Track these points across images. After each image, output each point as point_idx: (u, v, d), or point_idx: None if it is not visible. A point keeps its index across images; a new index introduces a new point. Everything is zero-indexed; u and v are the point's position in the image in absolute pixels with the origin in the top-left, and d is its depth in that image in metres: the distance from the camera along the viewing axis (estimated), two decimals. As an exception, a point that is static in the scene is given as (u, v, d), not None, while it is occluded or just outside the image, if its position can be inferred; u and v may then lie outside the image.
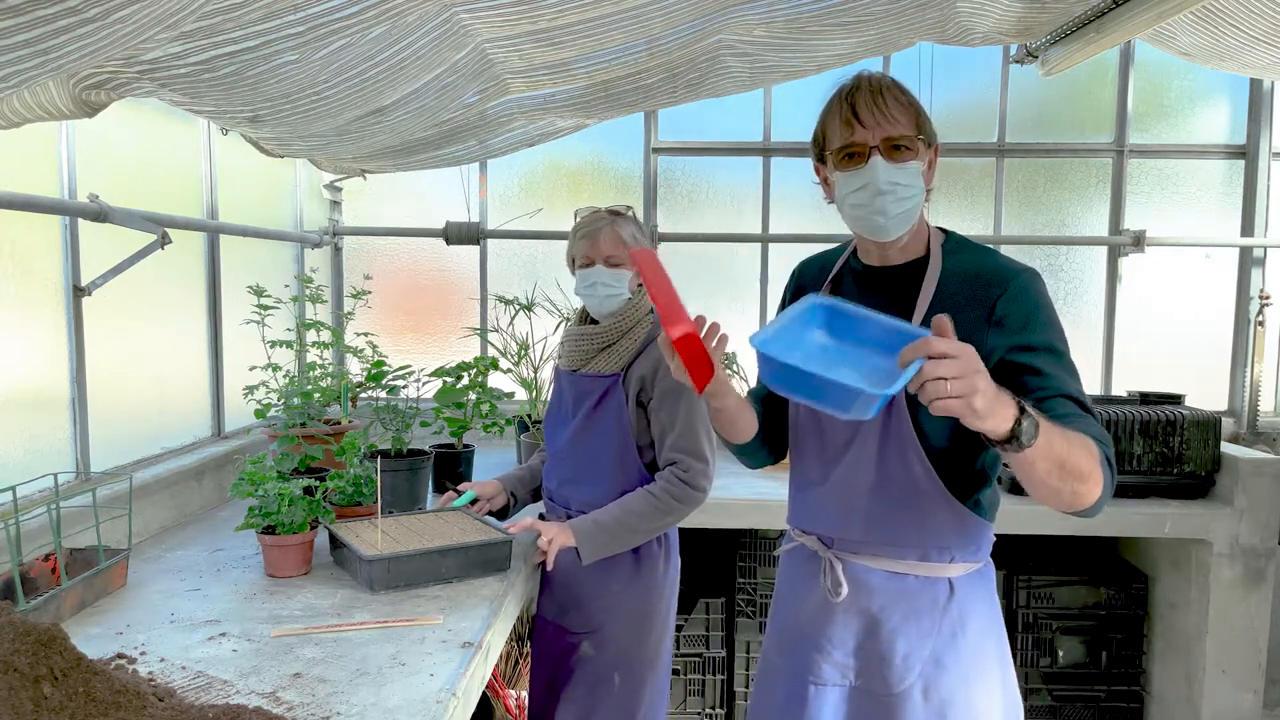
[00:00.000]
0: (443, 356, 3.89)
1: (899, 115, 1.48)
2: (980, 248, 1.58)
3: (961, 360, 1.12)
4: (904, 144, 1.48)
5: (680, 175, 3.96)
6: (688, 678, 3.43)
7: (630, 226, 2.21)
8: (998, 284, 1.47)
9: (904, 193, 1.48)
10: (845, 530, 1.60)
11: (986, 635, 1.57)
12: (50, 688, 1.19)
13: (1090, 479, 1.26)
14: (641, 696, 2.19)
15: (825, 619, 1.61)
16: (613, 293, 2.17)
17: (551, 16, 2.09)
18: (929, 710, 1.53)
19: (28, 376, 2.13)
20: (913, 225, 1.53)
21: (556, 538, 2.07)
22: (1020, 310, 1.45)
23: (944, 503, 1.52)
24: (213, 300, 2.95)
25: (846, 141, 1.49)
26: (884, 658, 1.55)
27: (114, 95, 1.77)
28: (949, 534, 1.53)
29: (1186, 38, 2.92)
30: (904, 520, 1.54)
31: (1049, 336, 1.44)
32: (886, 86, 1.49)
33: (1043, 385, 1.39)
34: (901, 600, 1.55)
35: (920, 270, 1.54)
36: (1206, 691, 3.12)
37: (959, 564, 1.55)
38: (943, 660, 1.53)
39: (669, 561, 2.23)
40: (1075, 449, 1.24)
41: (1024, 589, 3.38)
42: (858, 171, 1.48)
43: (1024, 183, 3.91)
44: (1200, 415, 3.15)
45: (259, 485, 2.02)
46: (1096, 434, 1.31)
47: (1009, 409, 1.16)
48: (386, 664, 1.55)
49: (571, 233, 2.24)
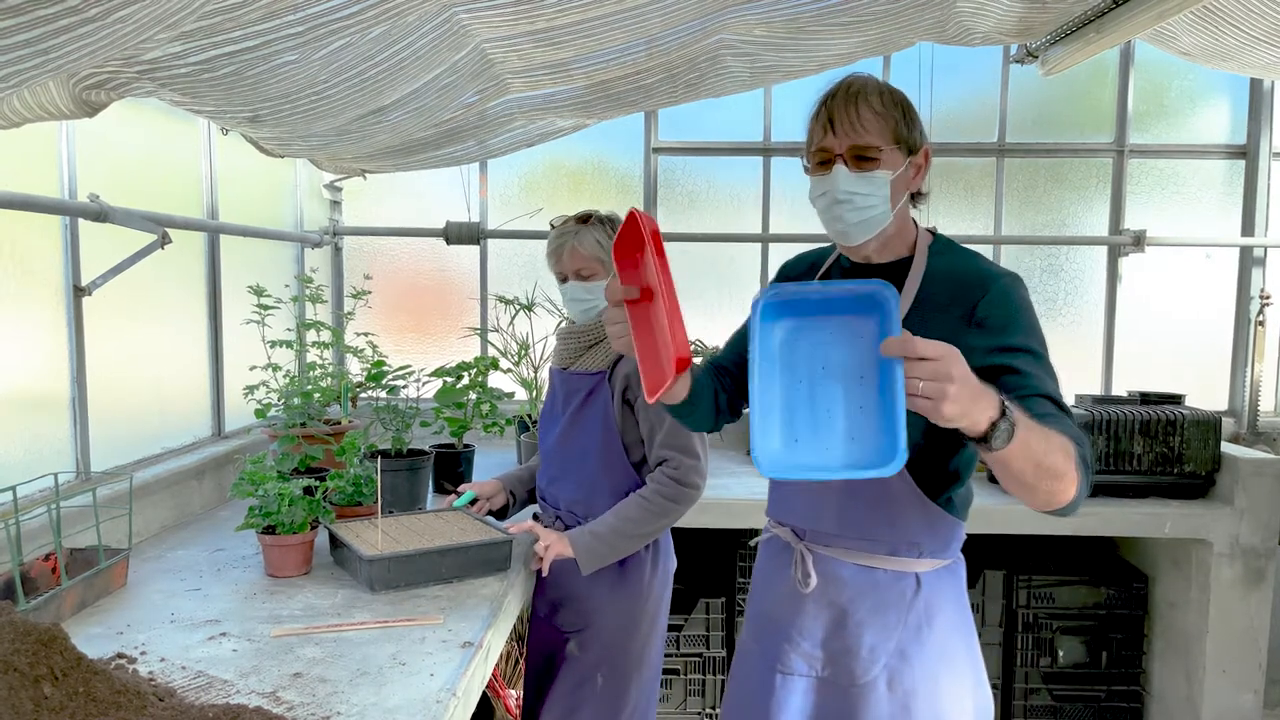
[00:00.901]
0: (443, 356, 3.89)
1: (870, 124, 1.48)
2: (965, 251, 1.59)
3: (936, 364, 1.13)
4: (869, 154, 1.48)
5: (680, 175, 3.96)
6: (688, 678, 3.43)
7: (595, 234, 2.14)
8: (979, 287, 1.48)
9: (862, 203, 1.50)
10: (817, 523, 1.63)
11: (954, 630, 1.58)
12: (50, 687, 1.19)
13: (1066, 479, 1.27)
14: (627, 697, 2.18)
15: (795, 609, 1.64)
16: (588, 305, 2.18)
17: (551, 16, 2.09)
18: (893, 702, 1.55)
19: (28, 376, 2.13)
20: (879, 232, 1.54)
21: (554, 546, 2.06)
22: (1001, 313, 1.46)
23: (916, 500, 1.54)
24: (213, 300, 2.95)
25: (818, 146, 1.52)
26: (850, 649, 1.58)
27: (114, 95, 1.77)
28: (919, 531, 1.55)
29: (1186, 38, 2.92)
30: (875, 516, 1.56)
31: (1028, 339, 1.45)
32: (864, 93, 1.49)
33: (1022, 384, 1.40)
34: (869, 593, 1.57)
35: (905, 270, 1.56)
36: (1206, 691, 3.12)
37: (927, 559, 1.58)
38: (908, 653, 1.55)
39: (657, 564, 2.22)
40: (1053, 448, 1.25)
41: (1024, 589, 3.38)
42: (823, 178, 1.52)
43: (1024, 183, 3.91)
44: (1200, 415, 3.15)
45: (259, 485, 2.02)
46: (1073, 434, 1.32)
47: (986, 411, 1.17)
48: (387, 664, 1.55)
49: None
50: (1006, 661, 3.44)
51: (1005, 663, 3.45)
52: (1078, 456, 1.29)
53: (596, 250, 2.14)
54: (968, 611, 1.64)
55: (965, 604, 1.63)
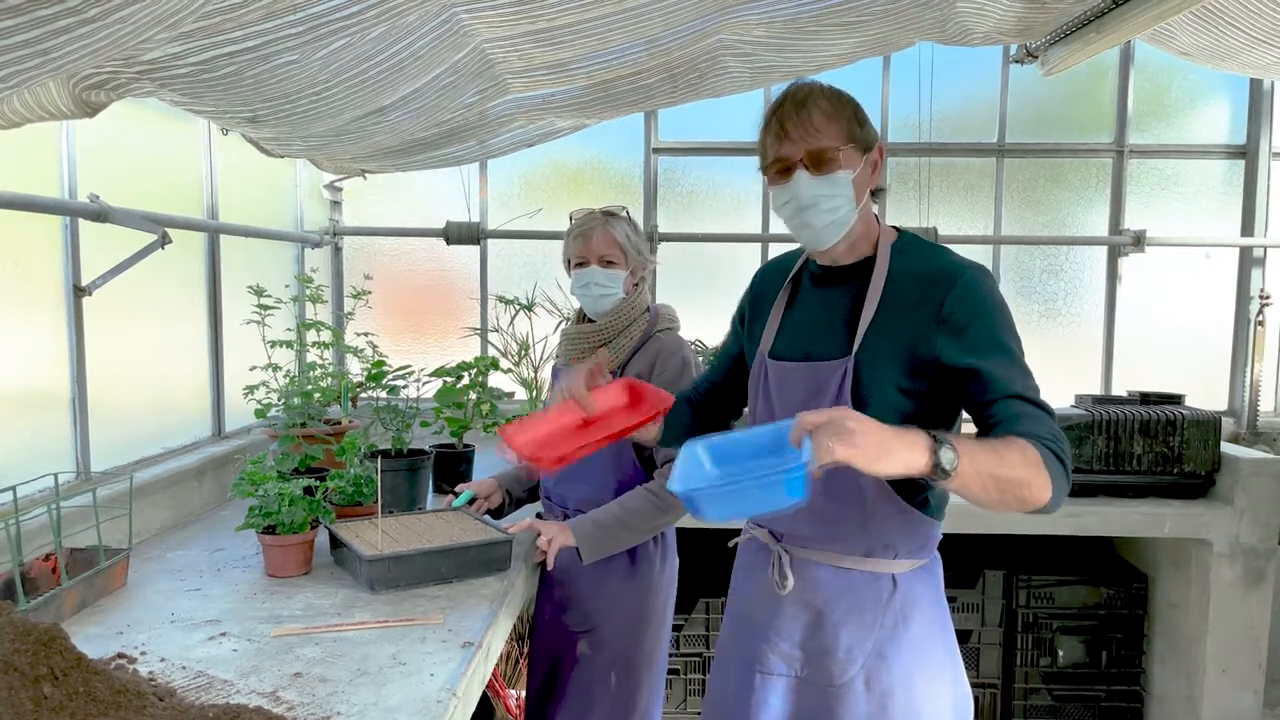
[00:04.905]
0: (443, 356, 3.89)
1: (823, 126, 1.50)
2: (929, 246, 1.60)
3: (830, 423, 1.18)
4: (828, 155, 1.50)
5: (680, 175, 3.96)
6: (688, 678, 3.43)
7: (624, 226, 2.22)
8: (945, 282, 1.49)
9: (828, 204, 1.52)
10: (793, 526, 1.64)
11: (931, 630, 1.59)
12: (50, 687, 1.19)
13: (1033, 483, 1.27)
14: (639, 695, 2.19)
15: (773, 610, 1.65)
16: (607, 292, 2.18)
17: (551, 16, 2.09)
18: (871, 701, 1.55)
19: (28, 376, 2.14)
20: (847, 231, 1.56)
21: (556, 537, 2.07)
22: (966, 308, 1.46)
23: (891, 503, 1.54)
24: (213, 300, 2.95)
25: (775, 156, 1.54)
26: (828, 650, 1.59)
27: (114, 95, 1.77)
28: (894, 533, 1.56)
29: (1186, 38, 2.92)
30: (850, 520, 1.57)
31: (997, 333, 1.45)
32: (812, 98, 1.52)
33: (988, 388, 1.40)
34: (846, 594, 1.58)
35: (869, 270, 1.57)
36: (1206, 691, 3.12)
37: (903, 560, 1.58)
38: (885, 653, 1.56)
39: (665, 560, 2.24)
40: (1006, 459, 1.26)
41: (1024, 589, 3.38)
42: (785, 186, 1.53)
43: (1024, 183, 3.92)
44: (1200, 415, 3.15)
45: (259, 485, 2.02)
46: (1042, 432, 1.32)
47: (916, 446, 1.20)
48: (387, 664, 1.55)
49: (566, 234, 2.25)
50: (1006, 661, 3.44)
51: (1005, 663, 3.45)
52: (1045, 455, 1.29)
53: (625, 241, 2.19)
54: (945, 611, 1.64)
55: (942, 603, 1.64)
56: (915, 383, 1.49)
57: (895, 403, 1.49)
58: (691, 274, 3.95)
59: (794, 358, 1.61)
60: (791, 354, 1.63)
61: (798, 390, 1.58)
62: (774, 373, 1.64)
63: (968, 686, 1.65)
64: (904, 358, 1.49)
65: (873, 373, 1.50)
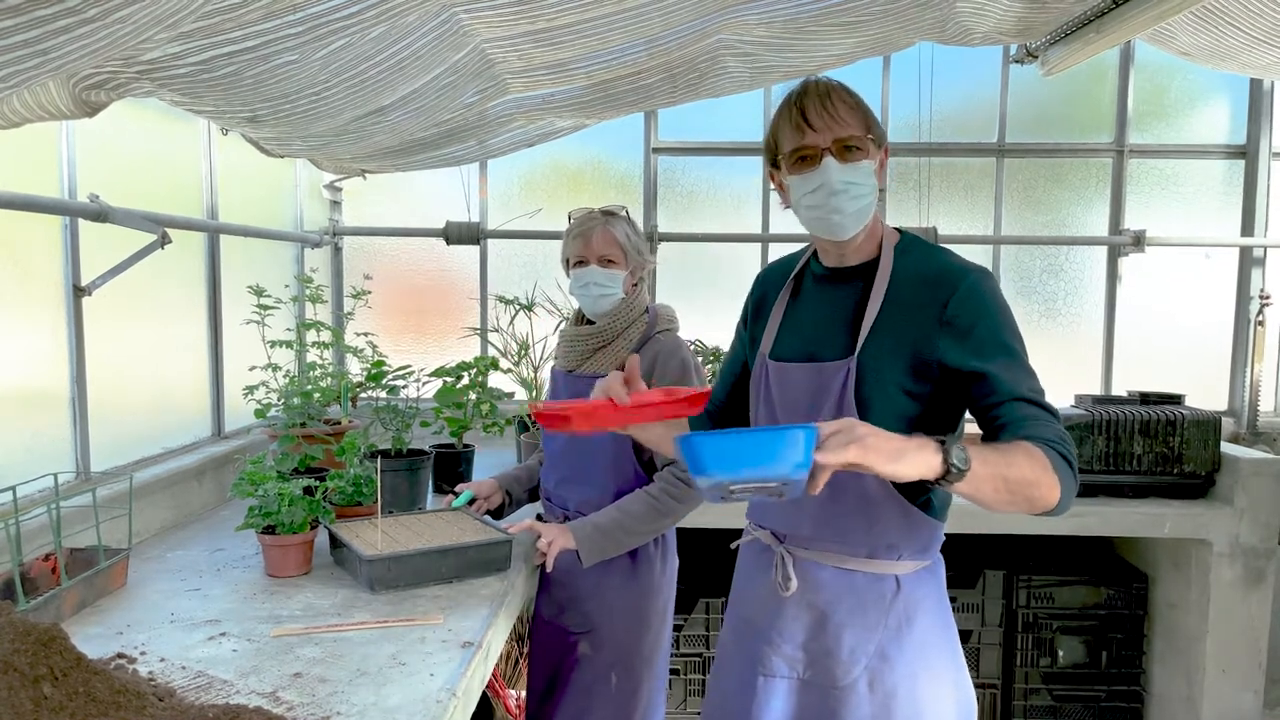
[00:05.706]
0: (443, 356, 3.89)
1: (847, 117, 1.51)
2: (932, 247, 1.59)
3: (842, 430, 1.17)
4: (855, 144, 1.51)
5: (680, 175, 3.96)
6: (688, 678, 3.43)
7: (623, 226, 2.21)
8: (948, 285, 1.49)
9: (857, 191, 1.52)
10: (796, 527, 1.63)
11: (934, 631, 1.58)
12: (50, 687, 1.19)
13: (1042, 484, 1.28)
14: (639, 696, 2.19)
15: (776, 612, 1.64)
16: (606, 292, 2.17)
17: (551, 16, 2.09)
18: (874, 703, 1.55)
19: (28, 376, 2.13)
20: (867, 223, 1.57)
21: (556, 540, 2.07)
22: (970, 310, 1.46)
23: (894, 504, 1.54)
24: (213, 300, 2.95)
25: (798, 145, 1.53)
26: (831, 651, 1.58)
27: (114, 95, 1.77)
28: (897, 534, 1.56)
29: (1186, 38, 2.92)
30: (853, 521, 1.56)
31: (1001, 335, 1.45)
32: (834, 90, 1.53)
33: (993, 391, 1.40)
34: (848, 595, 1.58)
35: (873, 273, 1.57)
36: (1206, 691, 3.12)
37: (906, 561, 1.58)
38: (888, 654, 1.55)
39: (666, 561, 2.24)
40: (1015, 461, 1.26)
41: (1024, 589, 3.38)
42: (811, 173, 1.52)
43: (1024, 183, 3.91)
44: (1200, 415, 3.15)
45: (259, 485, 2.02)
46: (1049, 435, 1.33)
47: (929, 448, 1.20)
48: (386, 664, 1.55)
49: (565, 233, 2.25)
50: (1006, 661, 3.44)
51: (1005, 663, 3.45)
52: (1053, 457, 1.29)
53: (624, 241, 2.18)
54: (948, 612, 1.64)
55: (945, 604, 1.63)
56: (918, 385, 1.49)
57: (898, 404, 1.49)
58: (691, 274, 3.95)
59: (796, 358, 1.61)
60: (793, 355, 1.62)
61: (800, 391, 1.58)
62: (775, 373, 1.63)
63: (971, 689, 1.64)
64: (907, 359, 1.49)
65: (876, 374, 1.50)
